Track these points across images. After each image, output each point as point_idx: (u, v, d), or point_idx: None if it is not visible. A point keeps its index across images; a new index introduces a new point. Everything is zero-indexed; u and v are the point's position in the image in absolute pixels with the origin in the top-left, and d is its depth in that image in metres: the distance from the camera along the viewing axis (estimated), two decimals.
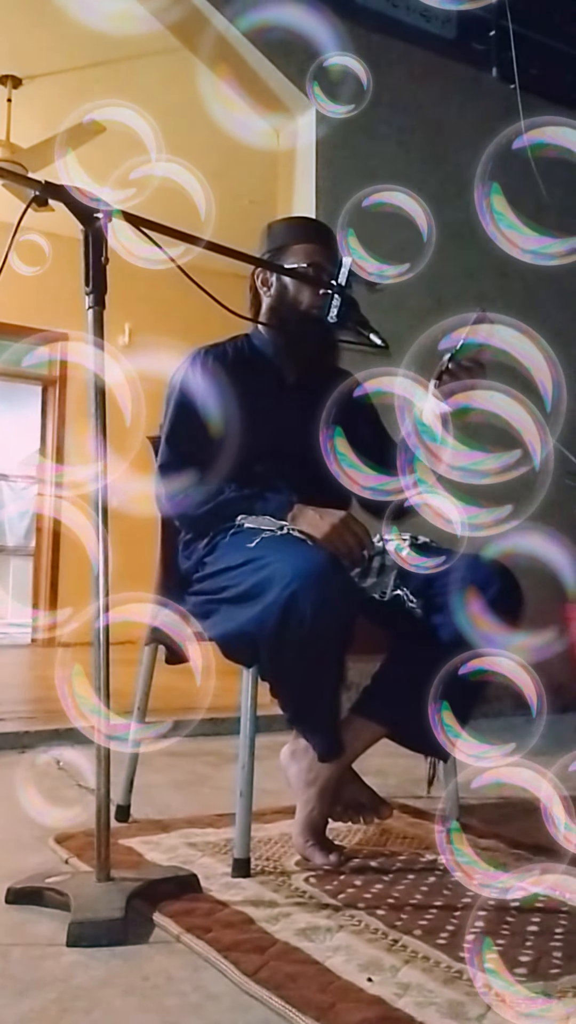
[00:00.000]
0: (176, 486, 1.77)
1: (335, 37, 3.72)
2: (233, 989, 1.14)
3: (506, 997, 1.08)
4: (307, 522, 1.66)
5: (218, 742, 2.88)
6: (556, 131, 1.71)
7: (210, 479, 1.73)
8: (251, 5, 3.56)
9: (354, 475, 1.62)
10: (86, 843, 1.66)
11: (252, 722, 1.61)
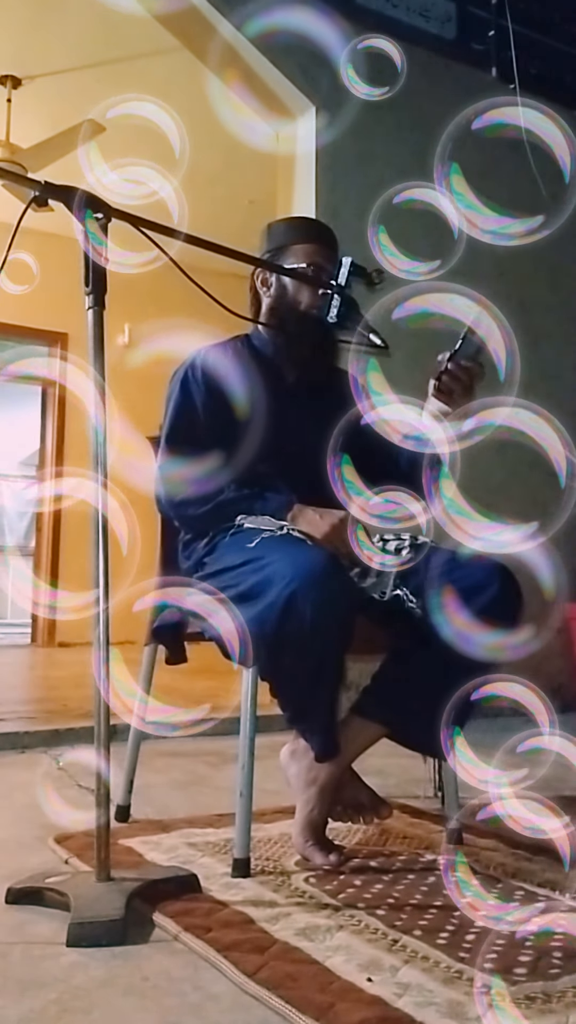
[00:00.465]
0: (175, 486, 1.77)
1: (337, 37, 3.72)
2: (233, 989, 1.15)
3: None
4: (306, 522, 1.67)
5: (218, 742, 2.88)
6: (514, 111, 1.71)
7: (210, 478, 1.73)
8: (254, 8, 3.56)
9: (362, 503, 1.62)
10: (86, 843, 1.66)
11: (252, 722, 1.61)
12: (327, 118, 3.62)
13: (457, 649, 1.55)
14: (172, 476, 1.78)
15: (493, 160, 3.67)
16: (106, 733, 1.45)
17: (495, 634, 1.54)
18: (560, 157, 1.70)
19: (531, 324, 4.18)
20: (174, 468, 1.79)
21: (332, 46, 3.75)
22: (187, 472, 1.75)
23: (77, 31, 4.49)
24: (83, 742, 2.75)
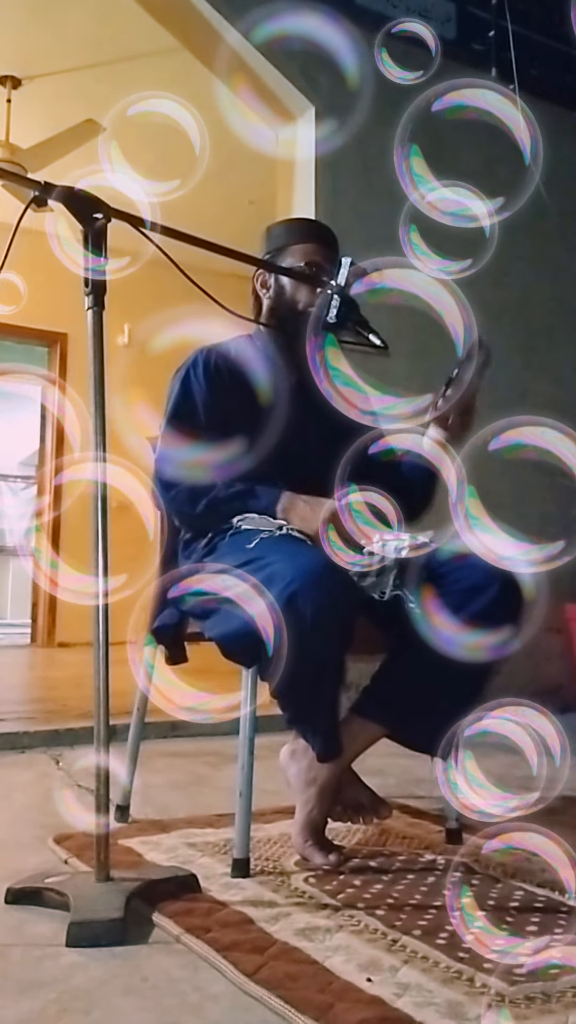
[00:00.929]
0: (170, 479, 1.77)
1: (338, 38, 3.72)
2: (232, 989, 1.15)
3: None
4: (298, 516, 1.67)
5: (217, 742, 2.88)
6: (475, 92, 1.71)
7: (203, 473, 1.72)
8: (255, 10, 3.57)
9: (370, 532, 1.62)
10: (85, 843, 1.66)
11: (252, 722, 1.61)
12: (327, 119, 3.62)
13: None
14: (167, 467, 1.78)
15: (456, 142, 3.66)
16: (106, 733, 1.45)
17: (475, 634, 1.54)
18: (520, 139, 1.70)
19: (533, 328, 4.18)
20: (170, 459, 1.78)
21: (332, 47, 3.75)
22: (183, 463, 1.75)
23: (77, 31, 4.49)
24: (83, 742, 2.75)
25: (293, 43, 3.65)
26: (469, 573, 1.64)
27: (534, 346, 4.17)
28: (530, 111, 3.98)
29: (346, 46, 3.68)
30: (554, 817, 1.82)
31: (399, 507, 1.63)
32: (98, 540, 1.48)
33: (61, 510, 6.66)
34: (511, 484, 3.64)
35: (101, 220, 1.49)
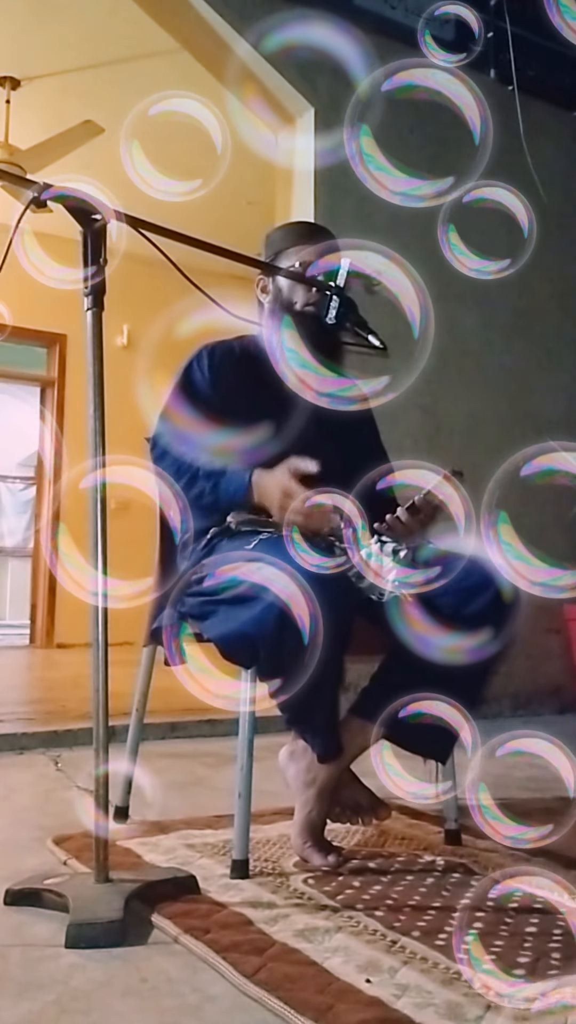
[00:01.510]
0: (160, 455, 1.79)
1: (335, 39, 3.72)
2: (232, 990, 1.14)
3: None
4: (268, 500, 1.67)
5: (216, 743, 2.88)
6: (424, 73, 1.71)
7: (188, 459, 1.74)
8: (254, 12, 3.57)
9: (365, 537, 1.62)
10: (84, 844, 1.66)
11: (251, 723, 1.61)
12: (332, 127, 3.62)
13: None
14: (160, 449, 1.80)
15: (407, 122, 3.65)
16: (105, 734, 1.45)
17: (454, 637, 1.54)
18: (470, 119, 1.70)
19: (533, 329, 4.19)
20: (162, 440, 1.80)
21: (330, 48, 3.75)
22: (174, 448, 1.76)
23: (75, 32, 4.49)
24: (82, 743, 2.75)
25: (291, 43, 3.66)
26: (469, 572, 1.64)
27: (531, 346, 4.17)
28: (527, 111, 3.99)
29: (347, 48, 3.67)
30: (552, 817, 1.82)
31: None
32: (97, 540, 1.48)
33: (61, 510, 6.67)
34: (540, 510, 3.64)
35: (100, 221, 1.49)
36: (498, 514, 1.54)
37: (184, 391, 1.83)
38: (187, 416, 1.76)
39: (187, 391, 1.83)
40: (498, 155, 4.08)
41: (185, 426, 1.75)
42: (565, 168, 4.31)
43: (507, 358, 4.08)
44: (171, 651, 1.71)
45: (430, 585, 1.62)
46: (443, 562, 1.67)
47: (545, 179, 4.10)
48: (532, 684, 3.84)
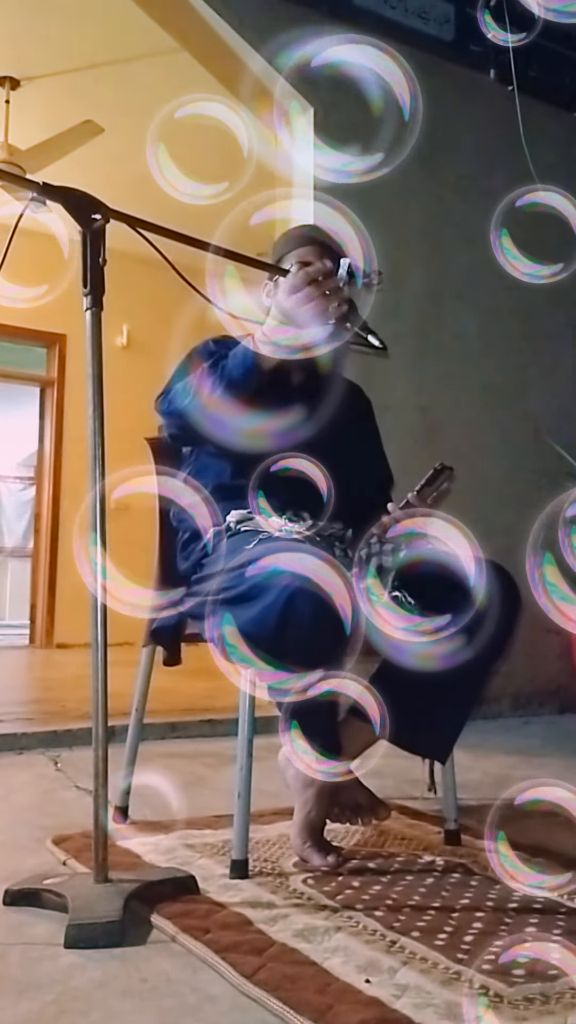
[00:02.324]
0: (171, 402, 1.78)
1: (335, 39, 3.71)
2: (231, 990, 1.14)
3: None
4: (283, 298, 1.65)
5: (216, 743, 2.88)
6: (354, 49, 1.71)
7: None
8: (254, 11, 3.57)
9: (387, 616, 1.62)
10: (84, 844, 1.66)
11: (250, 723, 1.61)
12: (325, 120, 3.62)
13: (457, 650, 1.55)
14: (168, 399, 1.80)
15: (338, 100, 3.63)
16: (104, 734, 1.45)
17: (429, 644, 1.54)
18: (400, 95, 1.70)
19: (532, 326, 4.19)
20: (169, 393, 1.80)
21: (330, 48, 3.75)
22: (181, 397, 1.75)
23: (75, 33, 4.49)
24: (81, 743, 2.75)
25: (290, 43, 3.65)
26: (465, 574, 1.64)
27: (530, 346, 4.17)
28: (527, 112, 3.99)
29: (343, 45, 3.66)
30: (552, 817, 1.83)
31: None
32: (97, 540, 1.48)
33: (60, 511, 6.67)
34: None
35: (99, 221, 1.49)
36: (543, 555, 1.53)
37: (187, 363, 1.81)
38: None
39: (190, 363, 1.81)
40: (498, 155, 4.11)
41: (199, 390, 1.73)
42: (565, 169, 4.31)
43: (507, 358, 4.08)
44: (215, 642, 1.67)
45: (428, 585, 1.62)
46: (439, 562, 1.67)
47: (545, 180, 4.10)
48: (532, 684, 3.84)
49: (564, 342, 4.28)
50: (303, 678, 1.48)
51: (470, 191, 4.09)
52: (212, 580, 1.72)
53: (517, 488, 3.84)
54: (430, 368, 3.85)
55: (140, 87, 4.74)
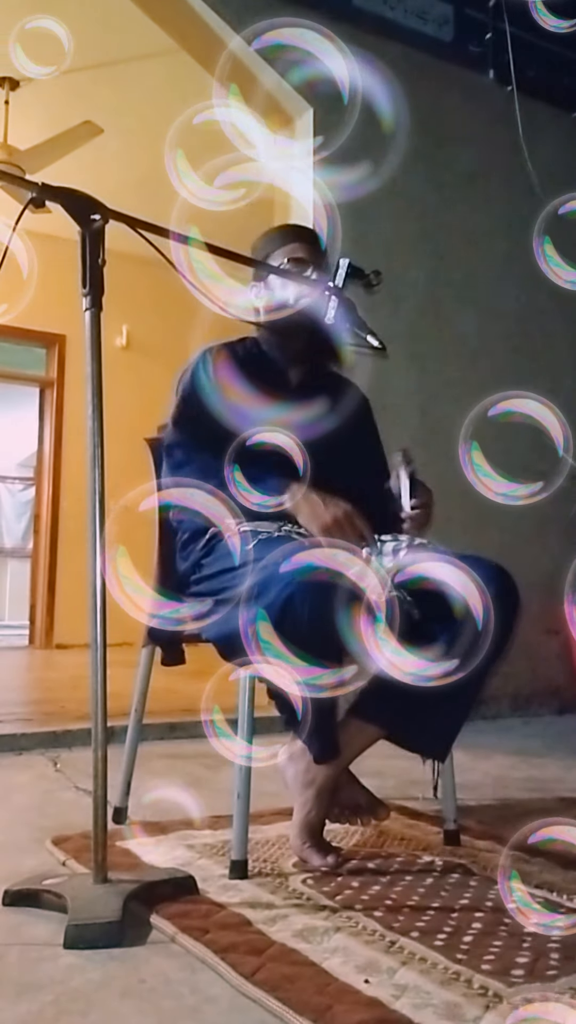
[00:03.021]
0: (180, 464, 1.77)
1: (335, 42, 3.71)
2: (230, 991, 1.14)
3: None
4: (309, 508, 1.67)
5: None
6: (294, 32, 1.71)
7: (213, 463, 1.72)
8: (253, 11, 3.56)
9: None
10: (83, 845, 1.66)
11: (250, 724, 1.61)
12: (324, 121, 3.62)
13: (453, 651, 1.55)
14: (178, 457, 1.80)
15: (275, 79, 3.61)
16: (103, 735, 1.45)
17: (419, 659, 1.54)
18: (340, 80, 1.71)
19: (530, 328, 4.19)
20: (180, 448, 1.80)
21: (329, 48, 3.74)
22: (192, 453, 1.76)
23: (75, 33, 4.49)
24: (80, 744, 2.75)
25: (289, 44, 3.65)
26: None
27: (529, 346, 4.17)
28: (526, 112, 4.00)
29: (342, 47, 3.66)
30: (551, 817, 1.82)
31: None
32: (96, 541, 1.48)
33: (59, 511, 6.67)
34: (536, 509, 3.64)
35: (99, 221, 1.49)
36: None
37: (191, 395, 1.82)
38: (199, 421, 1.74)
39: (194, 395, 1.81)
40: (497, 156, 4.11)
41: (200, 432, 1.74)
42: (564, 169, 4.31)
43: (506, 358, 4.08)
44: (248, 639, 1.66)
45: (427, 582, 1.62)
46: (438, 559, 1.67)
47: (543, 180, 4.10)
48: (531, 685, 3.84)
49: (563, 341, 4.28)
50: (332, 675, 1.48)
51: (469, 191, 4.09)
52: (211, 580, 1.72)
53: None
54: (430, 368, 3.85)
55: (139, 88, 4.75)
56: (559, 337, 4.28)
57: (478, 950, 1.27)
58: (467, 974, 1.18)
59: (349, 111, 1.90)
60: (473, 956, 1.24)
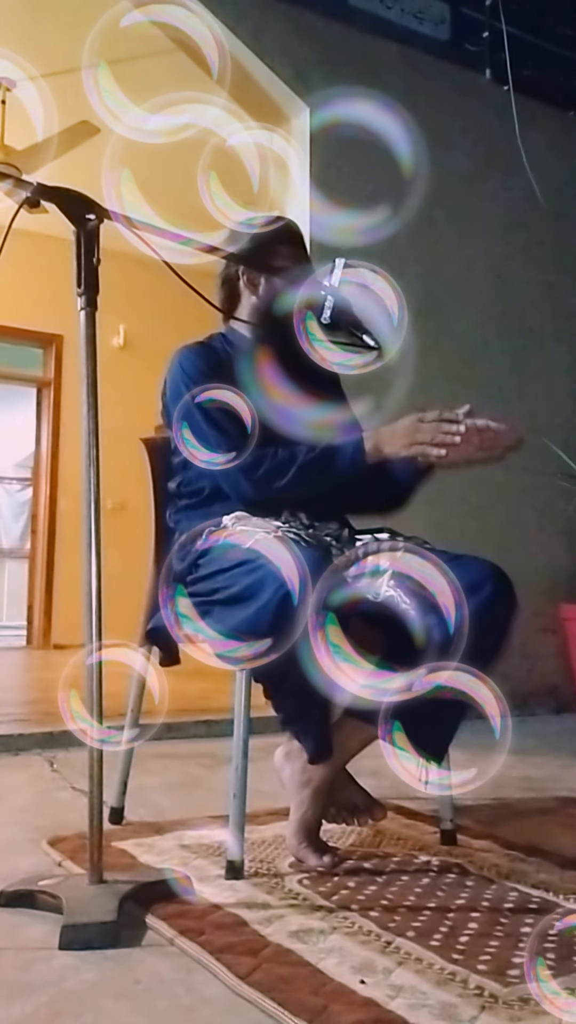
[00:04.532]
0: (250, 469, 1.73)
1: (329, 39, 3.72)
2: (226, 992, 1.14)
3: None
4: (386, 442, 1.72)
5: (212, 744, 2.88)
6: (162, 9, 1.72)
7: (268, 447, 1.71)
8: (249, 13, 3.56)
9: None
10: (79, 845, 1.65)
11: (246, 724, 1.61)
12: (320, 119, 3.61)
13: (449, 651, 1.54)
14: (240, 461, 1.73)
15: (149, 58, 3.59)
16: None
17: (390, 677, 1.54)
18: (208, 55, 1.72)
19: (526, 327, 4.19)
20: (234, 451, 1.74)
21: (325, 47, 3.75)
22: (251, 453, 1.71)
23: (72, 33, 4.48)
24: (77, 744, 2.74)
25: (286, 42, 3.65)
26: (464, 572, 1.64)
27: (526, 345, 4.17)
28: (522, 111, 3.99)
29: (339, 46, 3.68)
30: (548, 816, 1.82)
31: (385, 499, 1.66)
32: (91, 541, 1.48)
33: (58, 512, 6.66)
34: (534, 511, 3.64)
35: (94, 221, 1.49)
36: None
37: (198, 382, 1.79)
38: (231, 421, 1.72)
39: (207, 417, 1.77)
40: (494, 155, 4.11)
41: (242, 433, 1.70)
42: (560, 167, 4.31)
43: (502, 357, 4.08)
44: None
45: (424, 580, 1.62)
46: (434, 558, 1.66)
47: (541, 178, 4.11)
48: (528, 684, 3.84)
49: (557, 341, 4.29)
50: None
51: (466, 189, 4.09)
52: (207, 581, 1.72)
53: (513, 487, 3.84)
54: (426, 367, 3.85)
55: (137, 88, 4.73)
56: (552, 335, 4.28)
57: (474, 950, 1.27)
58: (463, 974, 1.18)
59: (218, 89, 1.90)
60: (469, 956, 1.24)
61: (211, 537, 1.76)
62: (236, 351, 1.89)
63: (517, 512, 3.99)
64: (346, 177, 3.67)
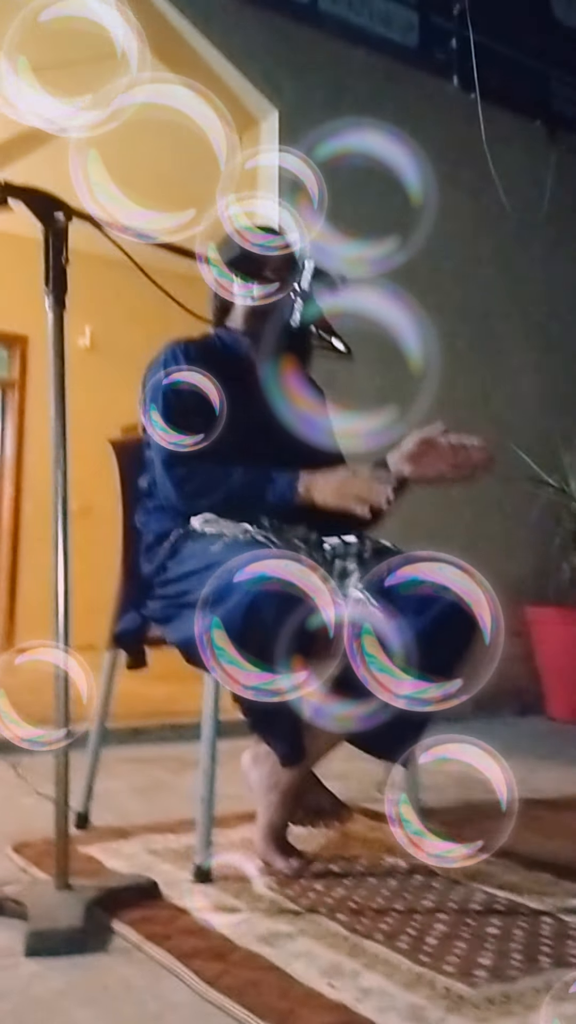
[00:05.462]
0: (182, 482, 1.74)
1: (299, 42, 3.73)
2: (193, 997, 1.13)
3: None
4: (318, 489, 1.70)
5: (179, 748, 2.86)
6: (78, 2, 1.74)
7: (208, 463, 1.71)
8: (218, 15, 3.56)
9: None
10: (44, 851, 1.63)
11: (214, 727, 1.60)
12: (290, 123, 3.62)
13: (416, 652, 1.55)
14: (179, 466, 1.75)
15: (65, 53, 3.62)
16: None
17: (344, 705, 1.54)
18: (119, 42, 1.74)
19: (494, 331, 4.23)
20: (179, 459, 1.75)
21: (295, 51, 3.76)
22: (191, 460, 1.72)
23: (40, 31, 4.45)
24: None
25: (255, 46, 3.65)
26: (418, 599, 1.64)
27: (496, 348, 4.21)
28: (489, 120, 4.03)
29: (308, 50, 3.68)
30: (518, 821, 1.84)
31: None
32: (58, 545, 1.46)
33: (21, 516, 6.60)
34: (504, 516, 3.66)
35: (62, 220, 1.48)
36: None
37: (173, 393, 1.78)
38: (189, 426, 1.70)
39: (175, 392, 1.77)
40: (461, 162, 4.14)
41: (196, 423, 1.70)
42: (527, 176, 4.36)
43: (470, 363, 4.11)
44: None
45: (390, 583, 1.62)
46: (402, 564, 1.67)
47: (507, 187, 4.15)
48: (494, 686, 3.86)
49: (524, 347, 4.33)
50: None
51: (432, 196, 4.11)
52: (175, 583, 1.71)
53: (479, 490, 3.86)
54: (394, 371, 3.87)
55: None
56: (520, 339, 4.32)
57: (442, 952, 1.27)
58: (430, 976, 1.19)
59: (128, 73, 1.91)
60: (437, 958, 1.25)
61: (179, 539, 1.75)
62: (231, 352, 1.89)
63: (484, 515, 4.02)
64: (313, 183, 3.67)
